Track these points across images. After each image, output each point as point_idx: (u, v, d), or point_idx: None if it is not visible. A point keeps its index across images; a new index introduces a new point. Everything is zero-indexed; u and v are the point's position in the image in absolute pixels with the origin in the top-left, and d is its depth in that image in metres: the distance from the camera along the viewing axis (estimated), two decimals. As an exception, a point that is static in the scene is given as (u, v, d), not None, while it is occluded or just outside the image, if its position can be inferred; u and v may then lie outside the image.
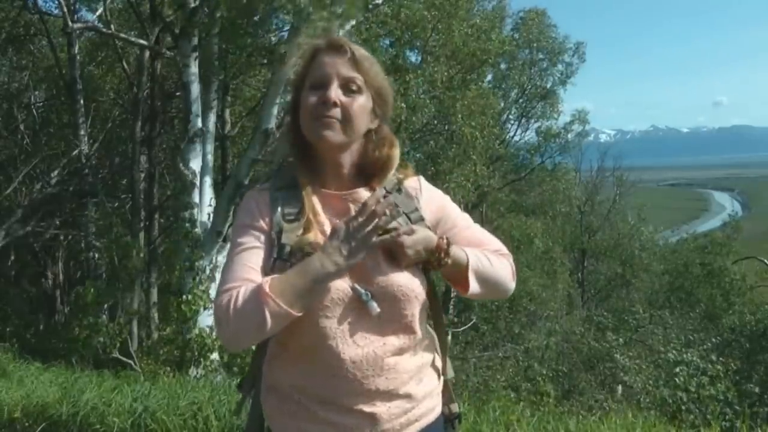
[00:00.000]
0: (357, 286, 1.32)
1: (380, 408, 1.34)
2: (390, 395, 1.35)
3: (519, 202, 21.79)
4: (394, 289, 1.34)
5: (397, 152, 1.45)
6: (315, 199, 1.39)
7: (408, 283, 1.36)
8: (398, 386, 1.36)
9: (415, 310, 1.38)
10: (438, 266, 1.39)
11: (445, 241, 1.38)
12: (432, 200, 1.47)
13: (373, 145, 1.42)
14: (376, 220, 1.27)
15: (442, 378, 1.49)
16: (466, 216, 1.53)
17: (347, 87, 1.37)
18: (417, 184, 1.48)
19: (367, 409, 1.33)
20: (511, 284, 1.51)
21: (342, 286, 1.32)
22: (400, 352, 1.37)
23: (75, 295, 8.35)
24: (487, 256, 1.45)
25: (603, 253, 23.94)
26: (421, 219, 1.41)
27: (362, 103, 1.38)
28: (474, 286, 1.41)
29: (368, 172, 1.43)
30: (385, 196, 1.35)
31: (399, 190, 1.43)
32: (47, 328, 12.18)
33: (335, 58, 1.38)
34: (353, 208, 1.37)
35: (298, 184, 1.39)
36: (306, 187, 1.38)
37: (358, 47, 1.41)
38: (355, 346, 1.32)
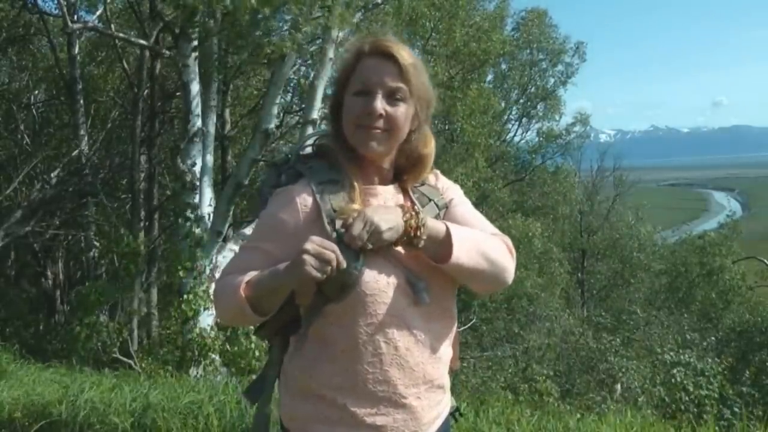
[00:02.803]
0: (411, 274, 1.36)
1: (423, 401, 1.38)
2: (432, 386, 1.39)
3: (520, 202, 21.80)
4: (440, 275, 1.38)
5: (432, 150, 1.48)
6: (363, 197, 1.41)
7: (446, 270, 1.40)
8: (439, 376, 1.41)
9: (453, 297, 1.45)
10: (415, 243, 1.33)
11: (413, 215, 1.34)
12: (448, 189, 1.54)
13: (412, 145, 1.45)
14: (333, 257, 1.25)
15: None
16: (468, 201, 1.57)
17: (392, 96, 1.37)
18: (434, 176, 1.54)
19: (414, 401, 1.36)
20: (509, 263, 1.44)
21: (396, 273, 1.35)
22: (440, 339, 1.41)
23: (76, 294, 8.36)
24: (475, 232, 1.43)
25: (602, 253, 23.95)
26: (446, 206, 1.48)
27: (406, 111, 1.39)
28: (459, 254, 1.34)
29: (404, 168, 1.47)
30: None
31: (422, 183, 1.50)
32: (47, 328, 12.17)
33: (381, 65, 1.37)
34: (373, 202, 1.41)
35: (341, 178, 1.40)
36: (356, 180, 1.40)
37: (404, 51, 1.38)
38: (408, 333, 1.35)
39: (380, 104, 1.36)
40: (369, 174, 1.44)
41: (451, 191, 1.53)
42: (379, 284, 1.33)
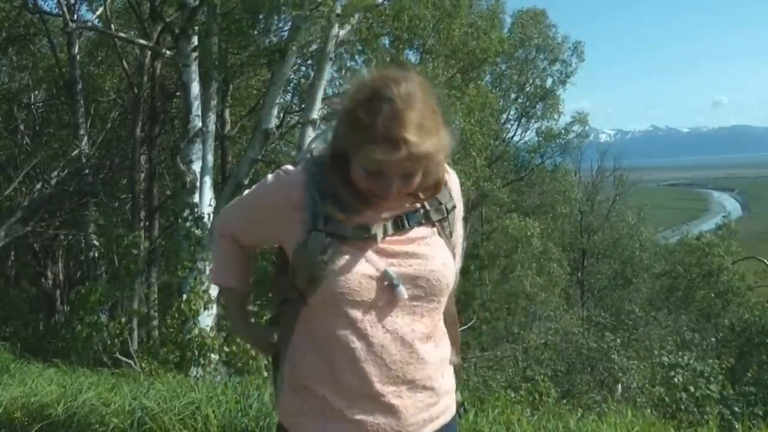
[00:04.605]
0: (389, 269, 1.33)
1: (406, 401, 1.35)
2: (416, 386, 1.36)
3: (519, 202, 21.81)
4: (428, 275, 1.36)
5: (443, 174, 1.42)
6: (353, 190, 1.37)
7: (441, 270, 1.38)
8: (424, 377, 1.37)
9: (443, 299, 1.41)
10: None
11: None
12: (459, 196, 1.51)
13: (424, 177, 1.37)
14: None
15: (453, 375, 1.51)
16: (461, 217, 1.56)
17: (406, 176, 1.31)
18: (446, 175, 1.47)
19: (394, 400, 1.33)
20: None
21: (373, 269, 1.33)
22: (426, 340, 1.38)
23: (76, 294, 8.36)
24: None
25: (603, 254, 23.96)
26: (454, 208, 1.46)
27: (419, 178, 1.34)
28: None
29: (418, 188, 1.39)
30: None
31: None
32: (47, 328, 12.18)
33: (392, 156, 1.25)
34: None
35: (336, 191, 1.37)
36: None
37: (418, 136, 1.25)
38: (384, 330, 1.33)
39: (396, 187, 1.31)
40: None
41: (460, 199, 1.52)
42: (350, 278, 1.31)
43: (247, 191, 1.54)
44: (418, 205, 1.41)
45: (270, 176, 1.45)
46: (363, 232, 1.34)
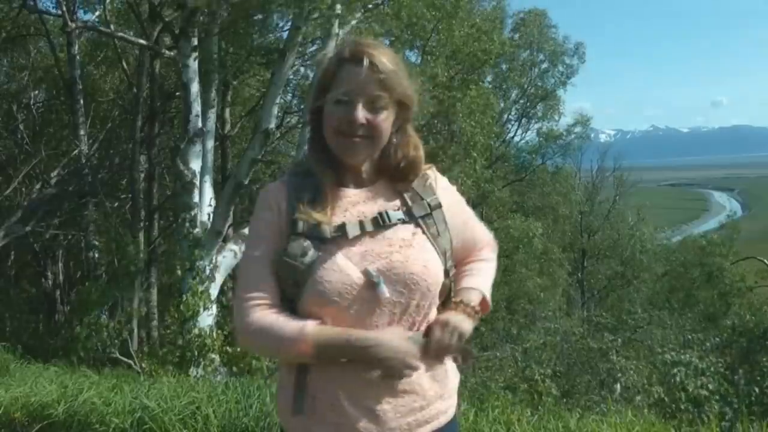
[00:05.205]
0: (369, 268, 1.32)
1: (386, 405, 1.33)
2: (396, 391, 1.34)
3: (520, 202, 21.80)
4: (407, 277, 1.34)
5: (421, 154, 1.44)
6: (331, 194, 1.39)
7: (421, 272, 1.36)
8: (405, 382, 1.34)
9: (425, 301, 1.38)
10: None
11: (472, 311, 1.51)
12: (447, 190, 1.50)
13: (394, 147, 1.42)
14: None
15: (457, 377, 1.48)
16: (469, 210, 1.58)
17: (373, 105, 1.36)
18: (432, 173, 1.49)
19: (374, 405, 1.32)
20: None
21: (353, 271, 1.32)
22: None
23: (76, 294, 8.37)
24: (485, 274, 1.63)
25: (603, 254, 23.95)
26: (439, 206, 1.44)
27: (387, 117, 1.38)
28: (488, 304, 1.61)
29: (389, 171, 1.43)
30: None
31: (417, 180, 1.46)
32: (47, 328, 12.18)
33: (361, 74, 1.35)
34: (342, 204, 1.38)
35: (317, 177, 1.40)
36: (326, 181, 1.39)
37: (385, 57, 1.37)
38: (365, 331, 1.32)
39: (361, 114, 1.34)
40: (342, 176, 1.42)
41: (450, 192, 1.51)
42: (332, 278, 1.31)
43: (244, 250, 1.51)
44: (399, 203, 1.41)
45: (256, 204, 1.45)
46: (342, 233, 1.34)
